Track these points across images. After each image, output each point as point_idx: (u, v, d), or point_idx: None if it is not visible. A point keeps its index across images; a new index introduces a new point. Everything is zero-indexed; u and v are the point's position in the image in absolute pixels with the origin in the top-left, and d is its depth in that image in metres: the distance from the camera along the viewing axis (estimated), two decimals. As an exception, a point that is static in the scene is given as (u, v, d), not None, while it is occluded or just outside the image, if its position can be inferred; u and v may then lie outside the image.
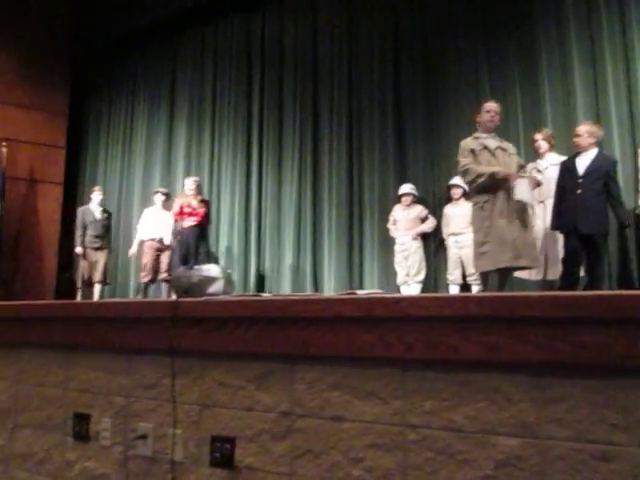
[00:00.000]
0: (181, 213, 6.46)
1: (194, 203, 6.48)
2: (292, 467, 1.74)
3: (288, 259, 6.45)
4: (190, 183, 6.61)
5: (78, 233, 6.91)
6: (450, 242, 5.46)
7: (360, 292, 1.75)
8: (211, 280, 2.06)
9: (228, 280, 2.10)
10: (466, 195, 5.10)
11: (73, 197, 8.55)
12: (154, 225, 6.76)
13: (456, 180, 5.42)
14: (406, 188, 5.69)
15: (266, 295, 1.86)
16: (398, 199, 5.71)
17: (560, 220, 4.16)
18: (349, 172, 6.28)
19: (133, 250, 6.88)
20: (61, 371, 2.35)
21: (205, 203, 6.66)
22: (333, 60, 6.64)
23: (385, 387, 1.61)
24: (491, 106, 4.07)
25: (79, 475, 2.22)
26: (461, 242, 5.24)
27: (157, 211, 6.89)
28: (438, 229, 5.71)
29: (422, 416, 1.55)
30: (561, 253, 4.33)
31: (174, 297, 6.84)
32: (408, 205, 5.64)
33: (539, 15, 5.50)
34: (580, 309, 1.36)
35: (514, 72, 5.61)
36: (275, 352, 1.79)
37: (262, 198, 6.90)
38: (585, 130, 4.23)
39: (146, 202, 7.88)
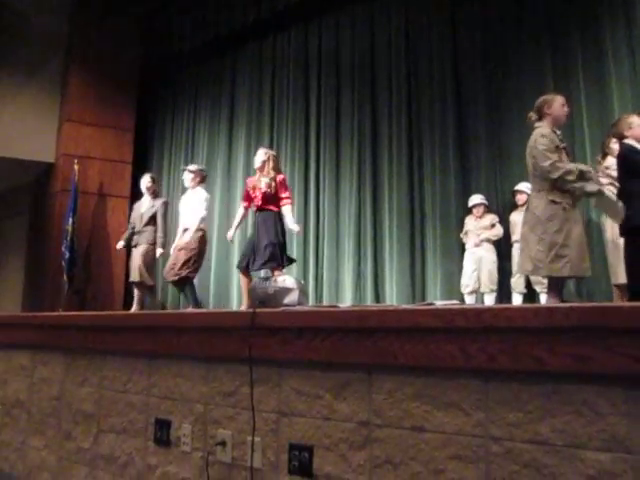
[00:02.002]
0: (247, 197, 5.18)
1: (262, 182, 4.95)
2: (371, 477, 1.75)
3: (348, 269, 6.46)
4: (258, 155, 5.16)
5: (128, 231, 6.33)
6: (515, 250, 5.34)
7: (438, 303, 1.74)
8: (287, 291, 2.11)
9: (303, 291, 2.14)
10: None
11: (139, 210, 8.90)
12: (183, 213, 5.67)
13: (521, 186, 5.30)
14: (477, 199, 5.58)
15: (343, 306, 1.88)
16: (469, 211, 5.63)
17: None
18: (409, 180, 6.24)
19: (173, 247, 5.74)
20: (143, 378, 2.45)
21: (274, 180, 4.98)
22: (391, 68, 6.64)
23: (466, 398, 1.59)
24: (565, 100, 3.82)
25: (160, 479, 2.31)
26: (525, 250, 5.11)
27: (187, 197, 5.74)
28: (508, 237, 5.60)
29: (505, 428, 1.53)
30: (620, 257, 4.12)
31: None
32: (480, 216, 5.57)
33: (606, 14, 5.34)
34: (676, 320, 1.31)
35: (579, 76, 5.45)
36: (352, 362, 1.81)
37: (320, 207, 6.95)
38: None
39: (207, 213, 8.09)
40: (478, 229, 5.54)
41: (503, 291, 5.55)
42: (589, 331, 1.40)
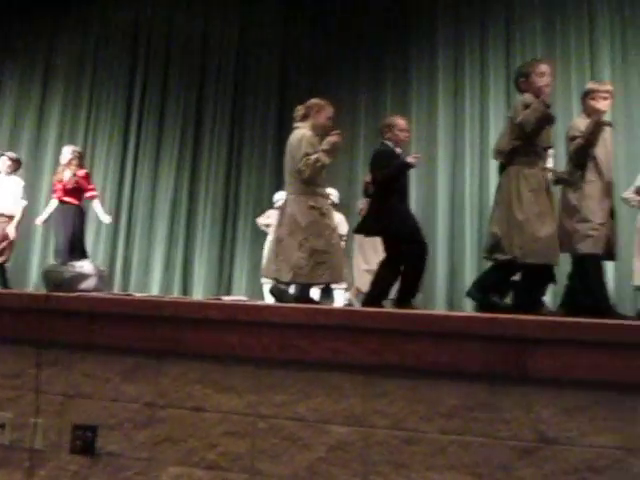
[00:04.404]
0: (54, 190, 5.54)
1: (66, 177, 5.40)
2: (152, 453, 1.90)
3: (159, 253, 6.43)
4: (64, 152, 5.57)
5: None
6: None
7: (226, 298, 1.95)
8: (83, 277, 2.15)
9: (102, 278, 2.20)
10: (336, 206, 5.41)
11: None
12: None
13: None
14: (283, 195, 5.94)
15: (138, 295, 2.00)
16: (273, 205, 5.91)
17: None
18: (227, 170, 6.44)
19: None
20: None
21: (75, 174, 5.44)
22: (221, 57, 6.75)
23: (242, 382, 1.83)
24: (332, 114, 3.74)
25: None
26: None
27: (2, 180, 5.76)
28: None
29: (272, 408, 1.80)
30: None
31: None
32: None
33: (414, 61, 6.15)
34: (403, 323, 1.68)
35: (387, 95, 6.14)
36: (144, 348, 1.94)
37: (136, 189, 6.79)
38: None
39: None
40: None
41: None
42: (343, 329, 1.72)
